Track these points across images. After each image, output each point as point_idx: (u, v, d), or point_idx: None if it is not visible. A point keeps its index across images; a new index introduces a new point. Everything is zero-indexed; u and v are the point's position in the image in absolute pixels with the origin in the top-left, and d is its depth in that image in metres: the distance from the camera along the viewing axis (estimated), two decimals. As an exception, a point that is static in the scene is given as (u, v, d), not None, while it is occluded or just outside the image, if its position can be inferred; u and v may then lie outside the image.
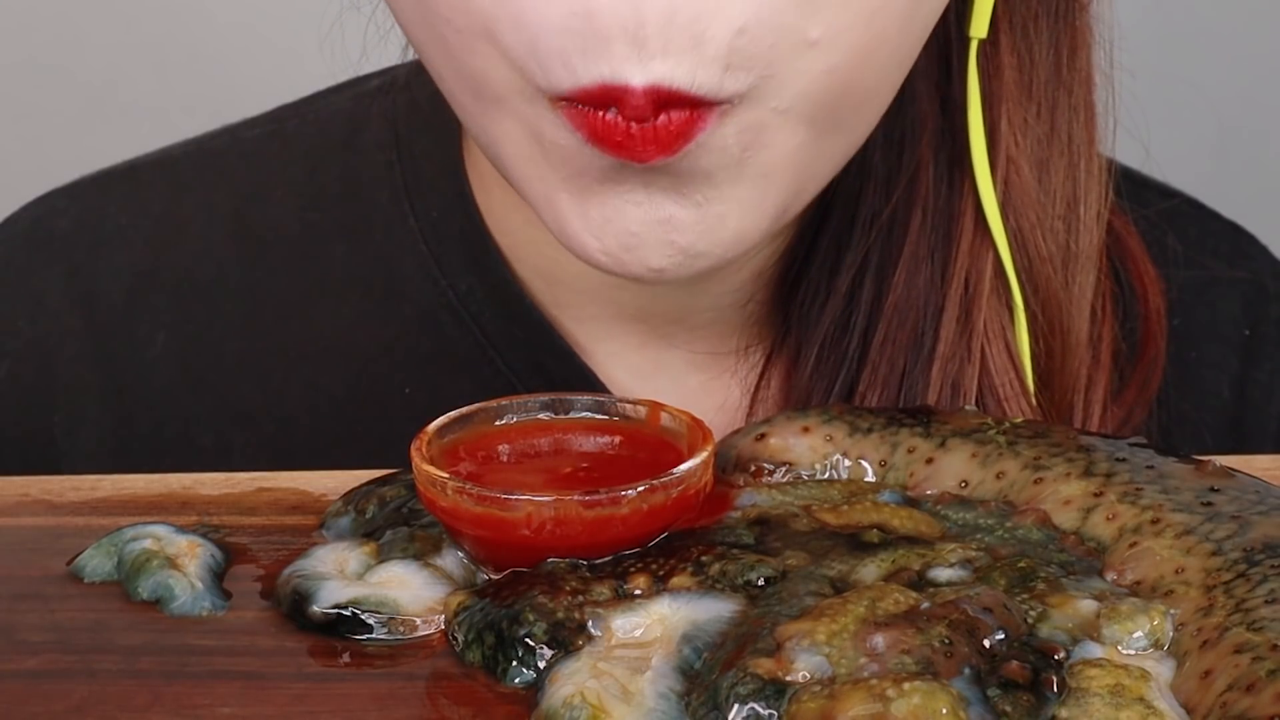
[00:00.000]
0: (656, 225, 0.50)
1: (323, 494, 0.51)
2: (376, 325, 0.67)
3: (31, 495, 0.51)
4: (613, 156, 0.48)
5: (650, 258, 0.51)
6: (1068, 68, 0.62)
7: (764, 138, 0.49)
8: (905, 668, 0.37)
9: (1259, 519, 0.42)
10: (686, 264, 0.51)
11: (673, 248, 0.50)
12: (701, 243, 0.51)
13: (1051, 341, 0.62)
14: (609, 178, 0.50)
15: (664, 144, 0.47)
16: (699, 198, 0.50)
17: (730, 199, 0.50)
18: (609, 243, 0.51)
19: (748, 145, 0.49)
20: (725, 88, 0.47)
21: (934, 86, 0.62)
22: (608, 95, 0.47)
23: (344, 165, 0.70)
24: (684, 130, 0.47)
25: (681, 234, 0.50)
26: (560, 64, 0.47)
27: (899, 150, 0.62)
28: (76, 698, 0.41)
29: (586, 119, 0.48)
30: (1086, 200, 0.63)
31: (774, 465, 0.49)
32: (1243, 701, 0.36)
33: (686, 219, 0.50)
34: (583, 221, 0.51)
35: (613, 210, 0.50)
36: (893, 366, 0.61)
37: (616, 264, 0.51)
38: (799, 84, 0.48)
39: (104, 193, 0.72)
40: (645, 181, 0.49)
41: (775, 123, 0.49)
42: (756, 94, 0.48)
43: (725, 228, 0.51)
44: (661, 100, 0.47)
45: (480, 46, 0.49)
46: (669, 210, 0.50)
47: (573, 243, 0.52)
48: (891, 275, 0.62)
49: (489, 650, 0.41)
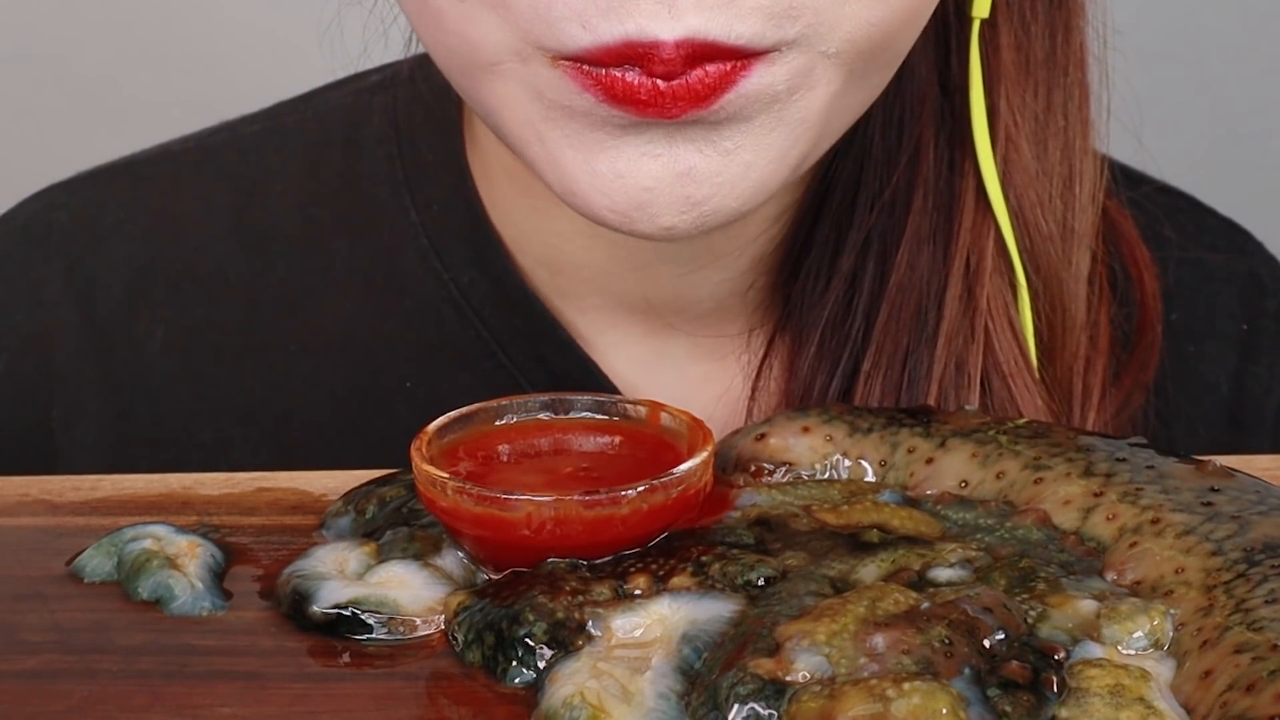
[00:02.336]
0: (674, 179, 0.49)
1: (323, 494, 0.51)
2: (377, 319, 0.67)
3: (31, 495, 0.51)
4: (635, 116, 0.47)
5: (662, 215, 0.49)
6: (1063, 48, 0.62)
7: (811, 80, 0.49)
8: (905, 668, 0.37)
9: (1259, 519, 0.42)
10: (700, 221, 0.50)
11: (687, 202, 0.49)
12: (719, 195, 0.49)
13: (1053, 318, 0.63)
14: (626, 131, 0.48)
15: (699, 97, 0.46)
16: (727, 144, 0.49)
17: (761, 146, 0.49)
18: (619, 199, 0.49)
19: (796, 88, 0.48)
20: (768, 37, 0.46)
21: (933, 67, 0.62)
22: (630, 52, 0.46)
23: (344, 160, 0.70)
24: (722, 82, 0.46)
25: (700, 186, 0.49)
26: (577, 24, 0.46)
27: (898, 131, 0.62)
28: (76, 698, 0.41)
29: (599, 80, 0.47)
30: (1082, 179, 0.63)
31: (774, 465, 0.49)
32: (1243, 701, 0.36)
33: (708, 169, 0.49)
34: (590, 178, 0.49)
35: (626, 164, 0.49)
36: (896, 346, 0.61)
37: (625, 222, 0.50)
38: (846, 28, 0.48)
39: (103, 187, 0.72)
40: (669, 132, 0.48)
41: (822, 66, 0.49)
42: (808, 39, 0.47)
43: (747, 178, 0.49)
44: (695, 54, 0.46)
45: (481, 15, 0.48)
46: (690, 161, 0.48)
47: (578, 201, 0.50)
48: (894, 255, 0.62)
49: (489, 650, 0.41)
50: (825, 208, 0.63)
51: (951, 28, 0.61)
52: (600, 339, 0.66)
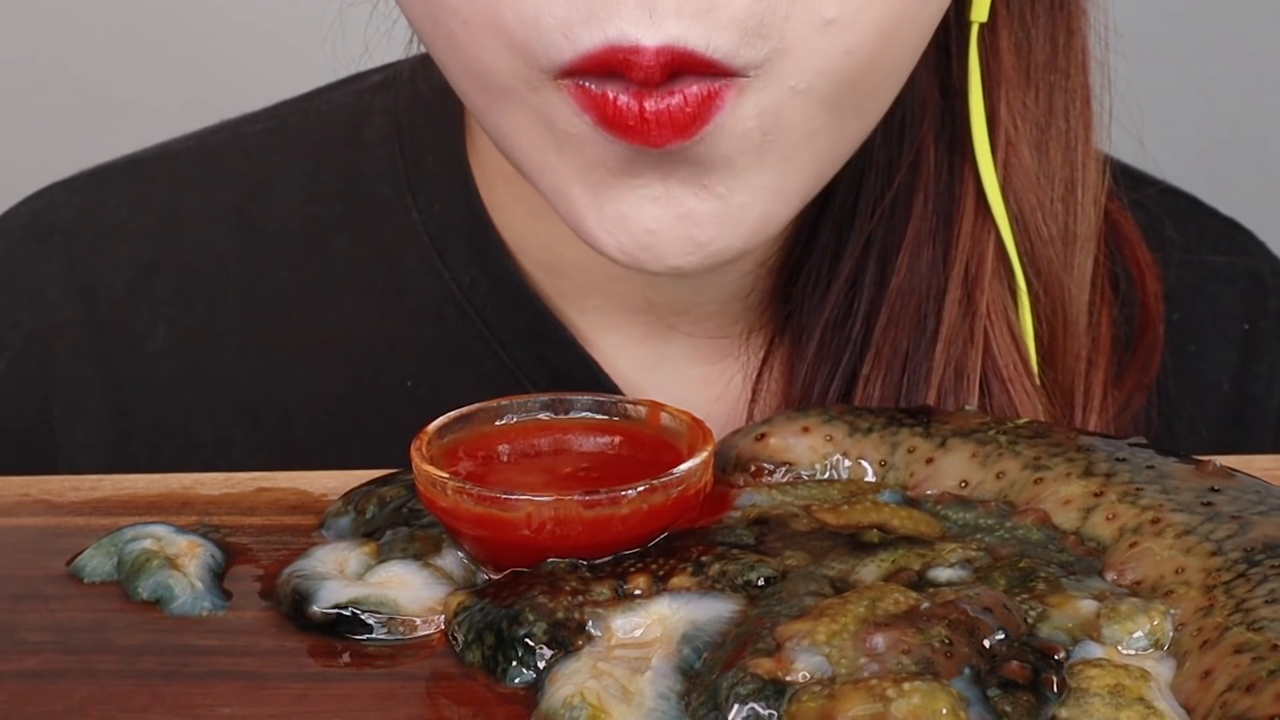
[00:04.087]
0: (675, 222, 0.50)
1: (323, 494, 0.51)
2: (379, 318, 0.67)
3: (31, 495, 0.51)
4: (625, 142, 0.47)
5: (668, 255, 0.50)
6: (1063, 53, 0.62)
7: (784, 119, 0.49)
8: (905, 668, 0.37)
9: (1259, 519, 0.42)
10: (706, 260, 0.51)
11: (692, 244, 0.50)
12: (723, 237, 0.50)
13: (1054, 322, 0.63)
14: (624, 170, 0.49)
15: (680, 126, 0.47)
16: (721, 189, 0.49)
17: (753, 187, 0.50)
18: (625, 240, 0.50)
19: (768, 128, 0.49)
20: (741, 55, 0.46)
21: (933, 71, 0.62)
22: (613, 57, 0.46)
23: (346, 159, 0.70)
24: (700, 111, 0.47)
25: (702, 229, 0.50)
26: (561, 34, 0.46)
27: (899, 136, 0.62)
28: (76, 698, 0.41)
29: (595, 100, 0.47)
30: (1084, 184, 0.63)
31: (774, 465, 0.49)
32: (1243, 701, 0.36)
33: (707, 213, 0.49)
34: (598, 218, 0.50)
35: (629, 207, 0.50)
36: (896, 350, 0.61)
37: (633, 261, 0.51)
38: (816, 63, 0.48)
39: (104, 186, 0.72)
40: (662, 174, 0.49)
41: (794, 103, 0.49)
42: (773, 70, 0.47)
43: (747, 219, 0.50)
44: (675, 64, 0.46)
45: (487, 39, 0.48)
46: (688, 205, 0.49)
47: (588, 239, 0.51)
48: (894, 259, 0.62)
49: (489, 650, 0.41)
50: (826, 212, 0.63)
51: (951, 32, 0.61)
52: (601, 340, 0.66)
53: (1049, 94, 0.62)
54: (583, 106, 0.48)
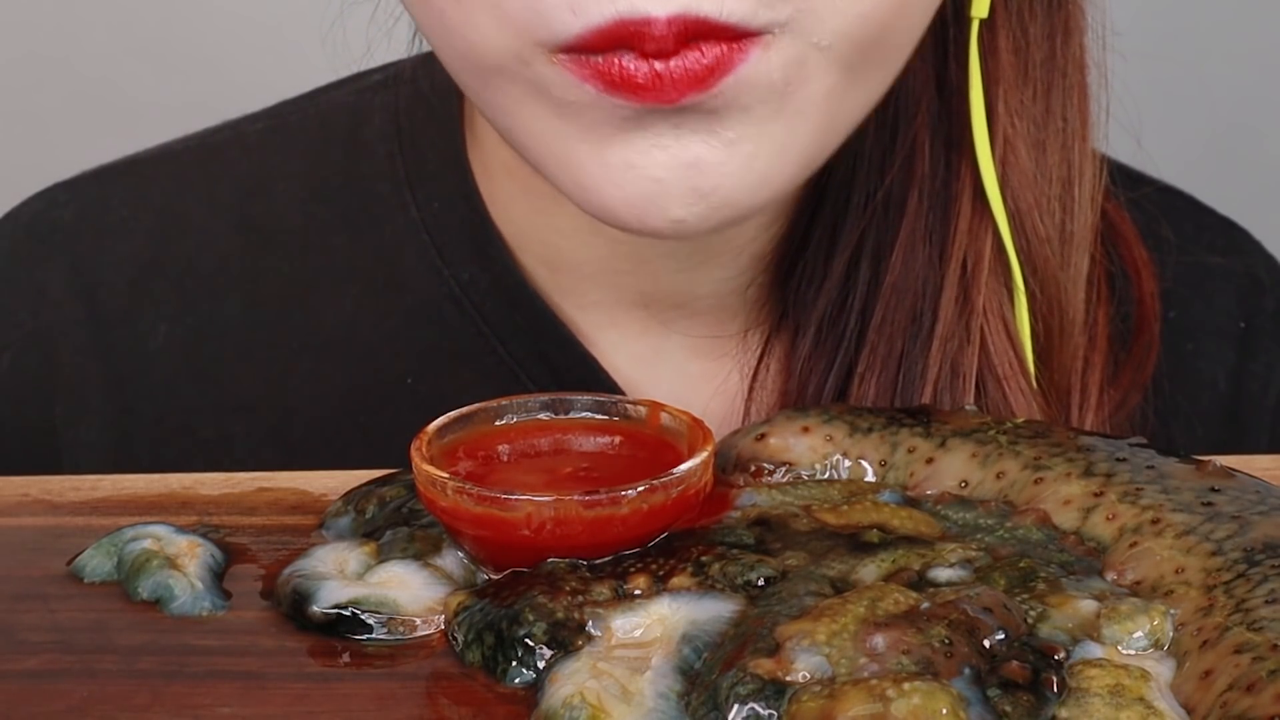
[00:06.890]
0: (682, 170, 0.49)
1: (323, 494, 0.51)
2: (378, 316, 0.68)
3: (31, 495, 0.51)
4: (635, 104, 0.47)
5: (672, 207, 0.49)
6: (1062, 51, 0.62)
7: (805, 72, 0.49)
8: (905, 668, 0.37)
9: (1259, 519, 0.42)
10: (709, 214, 0.50)
11: (695, 194, 0.49)
12: (726, 185, 0.50)
13: (1050, 321, 0.63)
14: (634, 125, 0.49)
15: (695, 79, 0.46)
16: (731, 134, 0.49)
17: (763, 136, 0.49)
18: (630, 191, 0.49)
19: (791, 79, 0.48)
20: (760, 16, 0.46)
21: (929, 68, 0.62)
22: (622, 32, 0.46)
23: (346, 157, 0.70)
24: (719, 64, 0.46)
25: (706, 177, 0.49)
26: (567, 10, 0.46)
27: (892, 131, 0.62)
28: (76, 698, 0.41)
29: (597, 69, 0.47)
30: (1081, 182, 0.63)
31: (774, 465, 0.49)
32: (1243, 701, 0.36)
33: (714, 159, 0.49)
34: (603, 170, 0.50)
35: (636, 153, 0.49)
36: (891, 347, 0.62)
37: (638, 215, 0.50)
38: (838, 23, 0.48)
39: (106, 186, 0.72)
40: (674, 123, 0.48)
41: (816, 59, 0.49)
42: (798, 26, 0.47)
43: (752, 170, 0.50)
44: (688, 32, 0.45)
45: (480, 17, 0.48)
46: (696, 151, 0.49)
47: (589, 195, 0.50)
48: (889, 256, 0.62)
49: (489, 650, 0.41)
50: (821, 207, 0.63)
51: (950, 29, 0.61)
52: (600, 336, 0.66)
53: (1046, 93, 0.62)
54: (581, 78, 0.47)
